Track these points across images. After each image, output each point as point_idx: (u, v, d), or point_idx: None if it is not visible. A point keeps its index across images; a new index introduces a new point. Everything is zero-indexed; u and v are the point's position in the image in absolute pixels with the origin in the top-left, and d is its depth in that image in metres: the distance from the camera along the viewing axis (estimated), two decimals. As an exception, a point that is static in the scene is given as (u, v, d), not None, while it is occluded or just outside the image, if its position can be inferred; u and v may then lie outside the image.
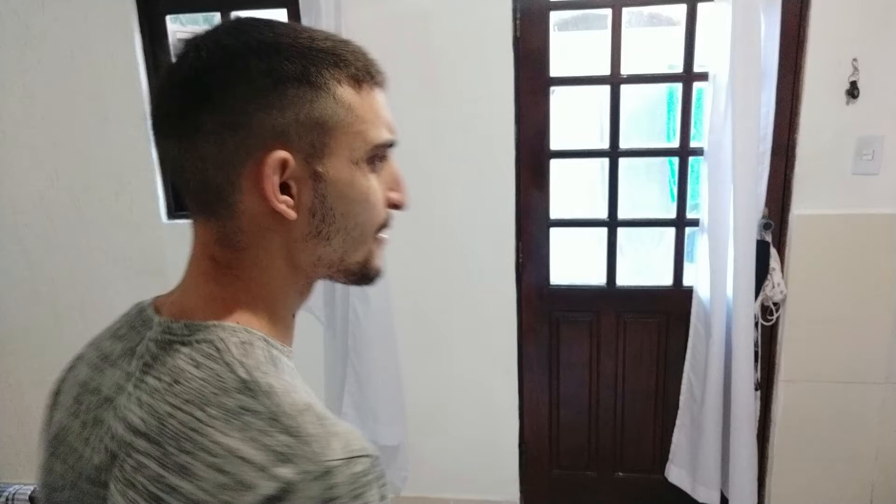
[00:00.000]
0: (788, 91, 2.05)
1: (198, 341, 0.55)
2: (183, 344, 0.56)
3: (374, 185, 0.60)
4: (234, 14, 2.33)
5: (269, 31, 0.56)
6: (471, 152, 2.24)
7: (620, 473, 2.48)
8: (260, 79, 0.54)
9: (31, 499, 1.60)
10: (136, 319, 0.62)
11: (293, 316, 0.64)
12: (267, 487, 0.48)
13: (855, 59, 1.97)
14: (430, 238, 2.30)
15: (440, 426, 2.45)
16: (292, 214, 0.56)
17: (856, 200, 2.07)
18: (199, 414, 0.51)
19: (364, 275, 0.64)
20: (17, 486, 1.64)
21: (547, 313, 2.38)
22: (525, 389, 2.42)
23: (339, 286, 2.14)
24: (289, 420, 0.51)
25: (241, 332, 0.56)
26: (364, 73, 0.58)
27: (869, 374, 2.17)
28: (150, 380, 0.55)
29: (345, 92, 0.57)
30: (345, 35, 0.61)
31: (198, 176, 0.56)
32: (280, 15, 2.27)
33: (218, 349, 0.54)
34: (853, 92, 1.99)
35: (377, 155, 0.60)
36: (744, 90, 1.91)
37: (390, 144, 0.61)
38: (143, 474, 0.52)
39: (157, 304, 0.62)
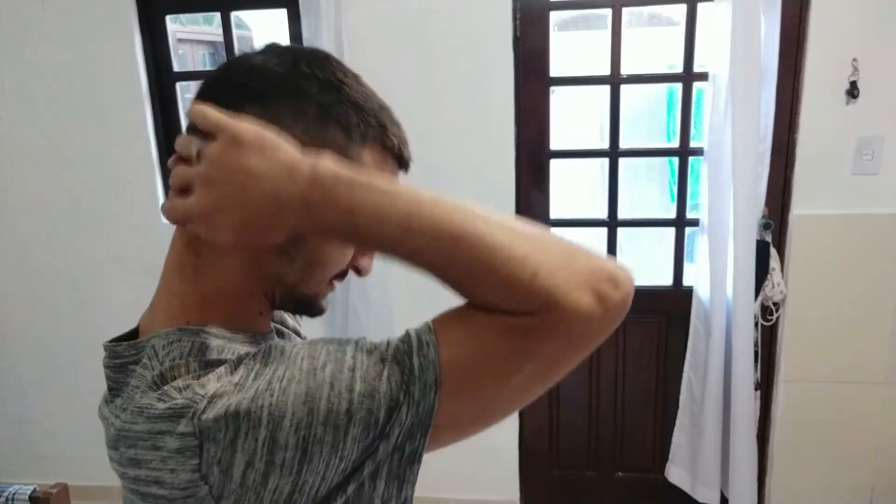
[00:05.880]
0: (788, 91, 2.05)
1: (142, 357, 0.61)
2: (135, 363, 0.61)
3: (348, 253, 0.66)
4: (235, 14, 2.33)
5: (345, 76, 0.62)
6: (471, 152, 2.23)
7: (620, 473, 2.48)
8: (312, 107, 0.59)
9: (32, 499, 1.60)
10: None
11: (260, 314, 0.66)
12: (186, 442, 0.52)
13: (855, 59, 1.97)
14: (430, 238, 2.30)
15: (440, 426, 2.45)
16: None
17: (856, 200, 2.07)
18: (124, 416, 0.58)
19: (309, 306, 0.69)
20: (16, 486, 1.63)
21: (547, 313, 2.37)
22: (525, 389, 2.42)
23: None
24: (177, 384, 0.55)
25: (172, 333, 0.60)
26: (397, 157, 0.64)
27: (869, 374, 2.17)
28: (117, 401, 0.61)
29: (370, 159, 0.62)
30: (344, 36, 0.62)
31: None
32: (280, 15, 2.26)
33: (149, 357, 0.59)
34: (853, 92, 1.99)
35: None
36: (744, 90, 1.91)
37: None
38: (119, 475, 0.59)
39: (142, 319, 0.67)
